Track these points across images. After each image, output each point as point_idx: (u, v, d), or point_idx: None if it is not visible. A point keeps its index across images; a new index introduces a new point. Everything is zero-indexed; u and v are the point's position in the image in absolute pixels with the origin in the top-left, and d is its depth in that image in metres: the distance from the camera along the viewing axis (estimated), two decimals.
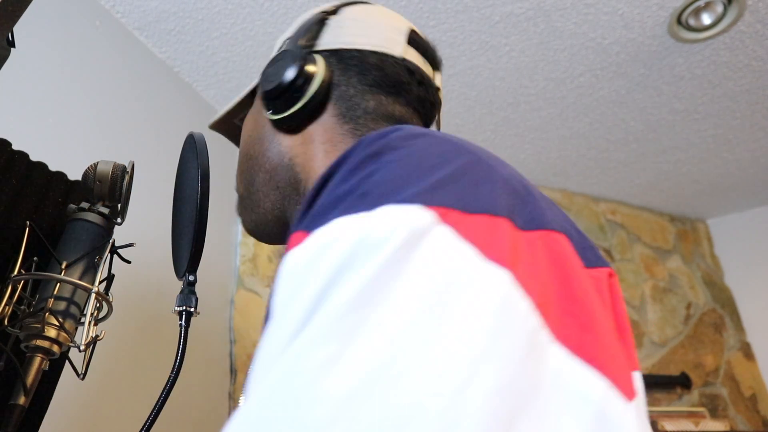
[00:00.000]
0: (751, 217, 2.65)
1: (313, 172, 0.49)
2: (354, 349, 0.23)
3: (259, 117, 0.55)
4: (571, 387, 0.26)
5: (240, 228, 1.77)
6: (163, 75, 1.60)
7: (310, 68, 0.48)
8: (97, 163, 0.67)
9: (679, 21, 1.52)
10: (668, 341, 2.35)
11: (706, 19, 1.52)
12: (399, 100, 0.52)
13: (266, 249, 1.78)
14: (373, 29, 0.52)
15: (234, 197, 0.61)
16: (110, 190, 0.66)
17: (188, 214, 0.59)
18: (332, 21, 0.53)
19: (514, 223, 0.30)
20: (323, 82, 0.48)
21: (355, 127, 0.50)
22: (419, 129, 0.36)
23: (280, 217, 0.54)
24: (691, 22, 1.52)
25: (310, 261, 0.28)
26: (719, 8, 1.50)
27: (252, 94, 0.60)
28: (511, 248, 0.28)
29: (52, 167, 0.76)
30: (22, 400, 0.54)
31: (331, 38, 0.52)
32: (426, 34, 0.58)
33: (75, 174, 0.74)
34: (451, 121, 1.93)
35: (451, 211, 0.28)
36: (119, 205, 0.68)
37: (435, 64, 0.57)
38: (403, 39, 0.53)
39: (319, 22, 0.52)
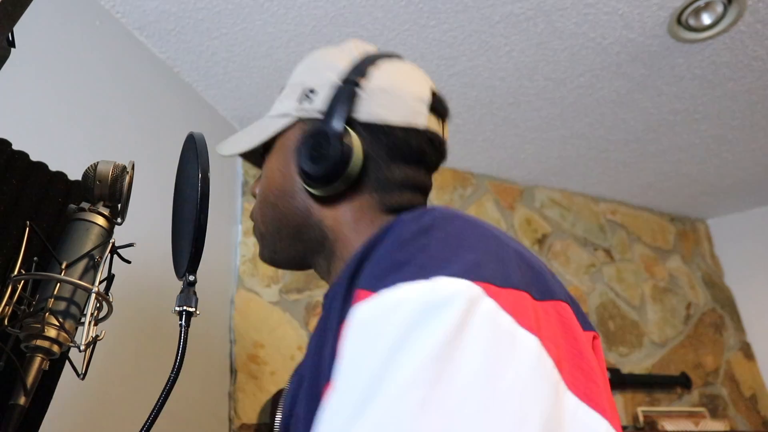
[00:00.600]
0: (751, 217, 2.65)
1: (342, 235, 0.55)
2: (438, 400, 0.30)
3: (287, 170, 0.58)
4: (585, 426, 0.35)
5: (240, 228, 1.77)
6: (163, 75, 1.60)
7: (348, 149, 0.52)
8: (97, 163, 0.67)
9: (679, 21, 1.52)
10: (668, 341, 2.35)
11: (706, 19, 1.52)
12: (420, 169, 0.57)
13: None
14: (401, 101, 0.56)
15: (233, 197, 0.61)
16: (110, 190, 0.66)
17: (188, 214, 0.59)
18: (363, 92, 0.55)
19: (532, 296, 0.38)
20: (359, 163, 0.53)
21: (382, 197, 0.55)
22: (452, 211, 0.44)
23: (301, 259, 0.60)
24: (691, 22, 1.52)
25: (380, 316, 0.35)
26: (719, 8, 1.50)
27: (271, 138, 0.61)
28: (535, 317, 0.36)
29: (52, 167, 0.76)
30: (22, 400, 0.54)
31: (363, 111, 0.55)
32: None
33: (75, 174, 0.74)
34: (451, 121, 1.93)
35: (490, 285, 0.36)
36: (119, 205, 0.68)
37: (445, 118, 0.61)
38: (426, 109, 0.57)
39: (352, 95, 0.54)
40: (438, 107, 0.59)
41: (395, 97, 0.55)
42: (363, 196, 0.55)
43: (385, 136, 0.54)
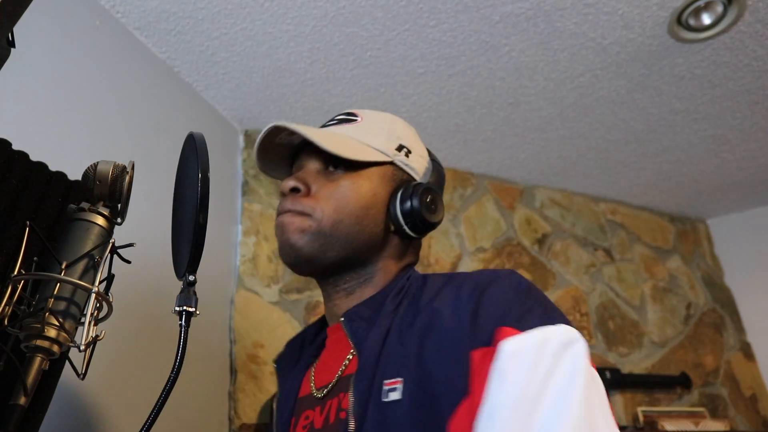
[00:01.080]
0: (751, 217, 2.65)
1: (387, 266, 0.71)
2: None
3: (379, 196, 0.70)
4: None
5: (240, 228, 1.77)
6: (163, 75, 1.60)
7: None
8: (97, 163, 0.67)
9: (679, 21, 1.52)
10: (668, 341, 2.35)
11: (706, 19, 1.52)
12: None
13: (266, 249, 1.78)
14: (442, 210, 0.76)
15: (233, 197, 0.61)
16: (110, 190, 0.66)
17: (188, 214, 0.59)
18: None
19: None
20: None
21: (413, 252, 0.76)
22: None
23: (332, 269, 0.70)
24: (691, 22, 1.52)
25: (532, 348, 0.52)
26: (719, 8, 1.50)
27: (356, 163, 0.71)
28: None
29: (52, 167, 0.76)
30: (22, 400, 0.54)
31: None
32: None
33: (75, 174, 0.74)
34: (451, 121, 1.93)
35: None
36: (119, 205, 0.68)
37: None
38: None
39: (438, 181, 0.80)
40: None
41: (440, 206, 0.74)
42: (407, 247, 0.74)
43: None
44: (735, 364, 2.43)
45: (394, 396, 0.56)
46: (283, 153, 0.77)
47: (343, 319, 0.68)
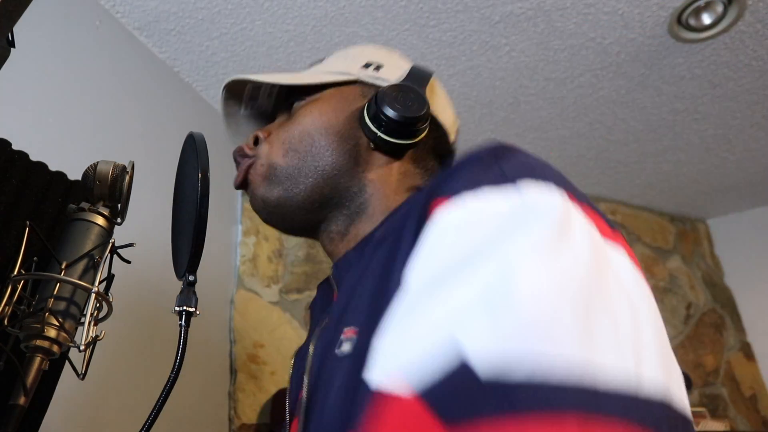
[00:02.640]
0: (751, 217, 2.65)
1: (383, 194, 0.57)
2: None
3: (342, 116, 0.58)
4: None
5: (240, 228, 1.77)
6: (163, 75, 1.60)
7: (429, 108, 0.55)
8: (97, 163, 0.67)
9: (679, 21, 1.52)
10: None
11: (706, 19, 1.52)
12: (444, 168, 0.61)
13: (266, 249, 1.78)
14: (448, 111, 0.62)
15: (233, 197, 0.61)
16: (110, 190, 0.66)
17: (188, 214, 0.59)
18: (431, 88, 0.60)
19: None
20: (429, 131, 0.56)
21: (422, 173, 0.59)
22: None
23: (314, 209, 0.57)
24: (691, 22, 1.52)
25: (469, 219, 0.34)
26: (719, 8, 1.49)
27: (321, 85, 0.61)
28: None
29: (52, 167, 0.76)
30: (22, 400, 0.54)
31: (432, 101, 0.59)
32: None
33: (75, 174, 0.74)
34: None
35: (571, 194, 0.35)
36: (119, 205, 0.68)
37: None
38: (456, 128, 0.64)
39: (429, 86, 0.59)
40: (458, 134, 0.65)
41: (445, 105, 0.62)
42: (410, 168, 0.58)
43: (436, 131, 0.59)
44: (735, 364, 2.43)
45: (346, 349, 0.42)
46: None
47: (332, 267, 0.59)
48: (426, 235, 0.36)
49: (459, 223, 0.34)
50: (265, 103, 0.68)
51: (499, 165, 0.37)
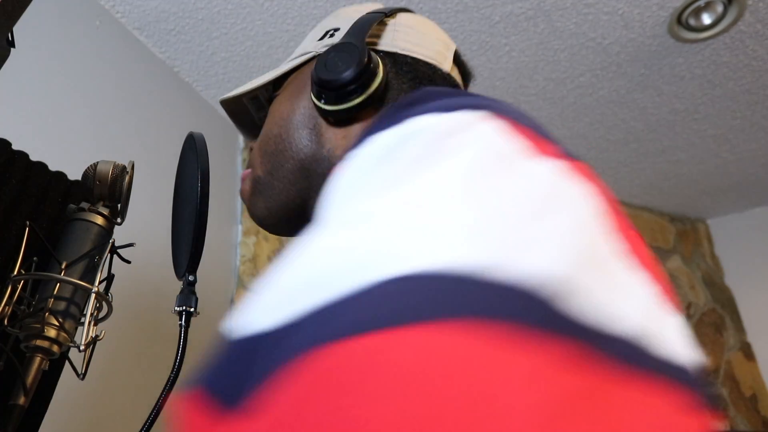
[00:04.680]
0: (751, 217, 2.65)
1: None
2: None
3: (298, 102, 0.53)
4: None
5: (240, 228, 1.77)
6: (163, 75, 1.60)
7: (373, 66, 0.47)
8: (97, 163, 0.67)
9: (679, 21, 1.52)
10: None
11: (706, 19, 1.52)
12: None
13: (266, 249, 1.78)
14: (427, 40, 0.54)
15: (233, 197, 0.61)
16: (110, 190, 0.66)
17: (188, 214, 0.59)
18: (390, 24, 0.53)
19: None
20: (382, 82, 0.48)
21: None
22: None
23: (301, 206, 0.53)
24: (691, 22, 1.52)
25: (394, 140, 0.33)
26: (719, 8, 1.50)
27: (283, 76, 0.57)
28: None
29: (52, 167, 0.76)
30: (22, 400, 0.54)
31: (388, 40, 0.52)
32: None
33: (75, 174, 0.74)
34: None
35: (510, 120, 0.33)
36: (119, 205, 0.68)
37: (468, 81, 0.59)
38: (450, 56, 0.55)
39: (380, 23, 0.52)
40: (462, 65, 0.57)
41: (422, 36, 0.54)
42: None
43: (409, 68, 0.51)
44: (735, 364, 2.43)
45: None
46: None
47: None
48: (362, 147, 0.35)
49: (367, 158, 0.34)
50: (269, 104, 0.66)
51: (437, 101, 0.36)
